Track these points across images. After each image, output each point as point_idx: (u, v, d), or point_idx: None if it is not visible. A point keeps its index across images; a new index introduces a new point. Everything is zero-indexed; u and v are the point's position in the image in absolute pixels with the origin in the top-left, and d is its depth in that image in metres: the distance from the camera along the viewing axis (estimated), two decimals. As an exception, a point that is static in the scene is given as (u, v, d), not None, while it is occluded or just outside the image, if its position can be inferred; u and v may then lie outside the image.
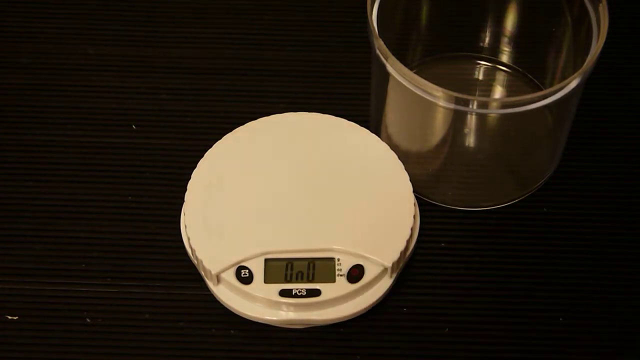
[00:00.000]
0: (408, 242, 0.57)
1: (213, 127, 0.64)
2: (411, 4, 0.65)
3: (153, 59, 0.69)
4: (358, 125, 0.61)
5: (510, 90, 0.67)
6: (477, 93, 0.67)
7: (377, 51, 0.56)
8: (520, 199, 0.62)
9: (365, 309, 0.56)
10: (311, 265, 0.56)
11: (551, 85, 0.58)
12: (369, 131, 0.61)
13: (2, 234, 0.61)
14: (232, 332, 0.57)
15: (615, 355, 0.56)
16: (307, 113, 0.62)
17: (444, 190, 0.62)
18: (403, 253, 0.57)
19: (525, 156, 0.64)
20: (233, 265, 0.56)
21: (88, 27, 0.71)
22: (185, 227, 0.58)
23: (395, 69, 0.55)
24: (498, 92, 0.68)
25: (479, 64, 0.68)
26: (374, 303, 0.57)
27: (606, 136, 0.65)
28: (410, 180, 0.59)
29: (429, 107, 0.56)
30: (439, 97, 0.54)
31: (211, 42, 0.70)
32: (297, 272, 0.56)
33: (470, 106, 0.54)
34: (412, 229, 0.58)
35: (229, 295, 0.57)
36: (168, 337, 0.57)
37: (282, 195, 0.58)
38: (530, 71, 0.67)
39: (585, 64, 0.55)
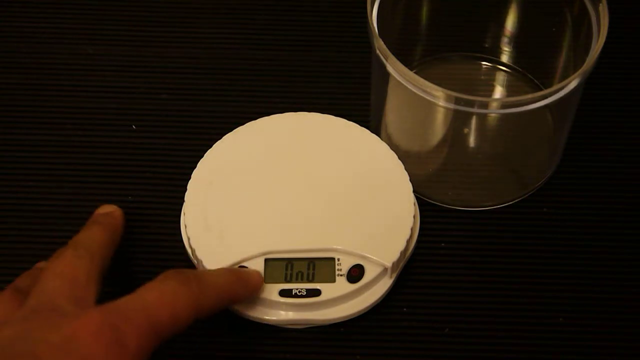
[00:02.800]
0: (408, 242, 0.57)
1: (213, 127, 0.64)
2: (411, 4, 0.65)
3: (153, 59, 0.69)
4: (358, 125, 0.61)
5: (510, 90, 0.67)
6: (477, 93, 0.67)
7: (377, 51, 0.56)
8: (520, 199, 0.62)
9: (365, 309, 0.56)
10: (311, 265, 0.56)
11: (551, 85, 0.58)
12: (369, 131, 0.61)
13: (2, 234, 0.61)
14: (232, 332, 0.57)
15: (615, 355, 0.56)
16: (307, 113, 0.62)
17: (444, 190, 0.62)
18: (403, 253, 0.57)
19: (525, 156, 0.64)
20: (233, 265, 0.56)
21: (88, 27, 0.71)
22: (185, 227, 0.58)
23: (395, 69, 0.55)
24: (498, 92, 0.68)
25: (479, 64, 0.68)
26: (374, 303, 0.57)
27: (606, 136, 0.65)
28: (410, 180, 0.59)
29: (429, 107, 0.56)
30: (439, 97, 0.54)
31: (211, 42, 0.70)
32: (297, 272, 0.56)
33: (471, 106, 0.54)
34: (412, 229, 0.58)
35: (229, 295, 0.57)
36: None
37: (282, 195, 0.58)
38: (530, 71, 0.67)
39: (585, 64, 0.55)
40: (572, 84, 0.54)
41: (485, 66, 0.68)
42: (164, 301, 0.48)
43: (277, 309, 0.56)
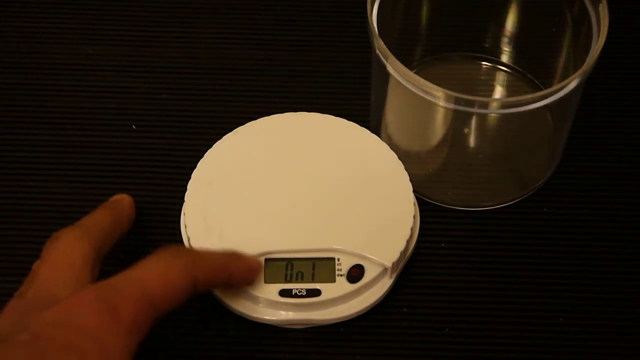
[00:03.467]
0: (408, 242, 0.57)
1: (213, 127, 0.64)
2: (411, 4, 0.65)
3: (153, 59, 0.69)
4: (358, 125, 0.61)
5: (510, 90, 0.67)
6: (477, 93, 0.67)
7: (377, 51, 0.56)
8: (520, 199, 0.62)
9: (365, 309, 0.56)
10: (311, 265, 0.56)
11: (551, 85, 0.58)
12: (369, 131, 0.61)
13: (2, 234, 0.61)
14: (232, 332, 0.57)
15: (615, 356, 0.56)
16: (307, 113, 0.62)
17: (444, 190, 0.62)
18: (403, 253, 0.57)
19: (525, 156, 0.64)
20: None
21: (88, 27, 0.71)
22: (185, 227, 0.58)
23: (395, 69, 0.55)
24: (498, 92, 0.68)
25: (479, 64, 0.68)
26: (374, 303, 0.57)
27: (606, 136, 0.65)
28: (410, 180, 0.59)
29: (429, 107, 0.56)
30: (439, 97, 0.54)
31: (211, 42, 0.70)
32: (297, 272, 0.56)
33: (470, 106, 0.54)
34: (412, 229, 0.58)
35: (229, 295, 0.56)
36: (168, 337, 0.57)
37: (282, 195, 0.58)
38: (530, 71, 0.67)
39: (585, 64, 0.55)
40: (572, 84, 0.54)
41: (485, 66, 0.68)
42: (157, 273, 0.49)
43: (277, 309, 0.56)
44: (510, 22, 0.66)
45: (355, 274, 0.56)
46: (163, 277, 0.49)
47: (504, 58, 0.67)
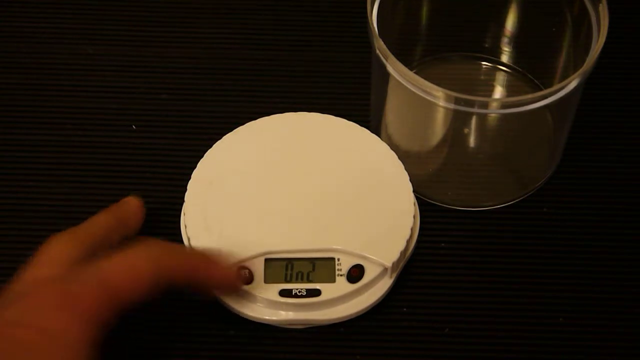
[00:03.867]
0: (408, 242, 0.57)
1: (213, 127, 0.64)
2: (411, 4, 0.65)
3: (153, 59, 0.69)
4: (358, 125, 0.61)
5: (510, 90, 0.67)
6: (477, 93, 0.67)
7: (377, 51, 0.56)
8: (520, 199, 0.62)
9: (365, 309, 0.56)
10: (311, 265, 0.56)
11: (551, 85, 0.58)
12: (369, 131, 0.61)
13: (2, 234, 0.61)
14: (232, 332, 0.57)
15: (615, 356, 0.56)
16: (307, 113, 0.62)
17: (444, 190, 0.62)
18: (403, 253, 0.57)
19: (525, 156, 0.64)
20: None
21: (88, 27, 0.71)
22: (185, 227, 0.58)
23: (395, 69, 0.55)
24: (498, 92, 0.68)
25: (479, 64, 0.68)
26: (374, 303, 0.57)
27: (606, 136, 0.65)
28: (410, 180, 0.59)
29: (429, 107, 0.56)
30: (439, 97, 0.54)
31: (211, 42, 0.70)
32: (297, 272, 0.56)
33: (470, 106, 0.54)
34: (412, 229, 0.58)
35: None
36: (168, 337, 0.57)
37: (282, 195, 0.58)
38: (530, 71, 0.67)
39: (585, 64, 0.55)
40: (572, 84, 0.54)
41: (485, 66, 0.68)
42: (121, 262, 0.49)
43: (277, 309, 0.56)
44: (510, 22, 0.66)
45: (355, 274, 0.56)
46: (126, 267, 0.49)
47: (504, 58, 0.67)
